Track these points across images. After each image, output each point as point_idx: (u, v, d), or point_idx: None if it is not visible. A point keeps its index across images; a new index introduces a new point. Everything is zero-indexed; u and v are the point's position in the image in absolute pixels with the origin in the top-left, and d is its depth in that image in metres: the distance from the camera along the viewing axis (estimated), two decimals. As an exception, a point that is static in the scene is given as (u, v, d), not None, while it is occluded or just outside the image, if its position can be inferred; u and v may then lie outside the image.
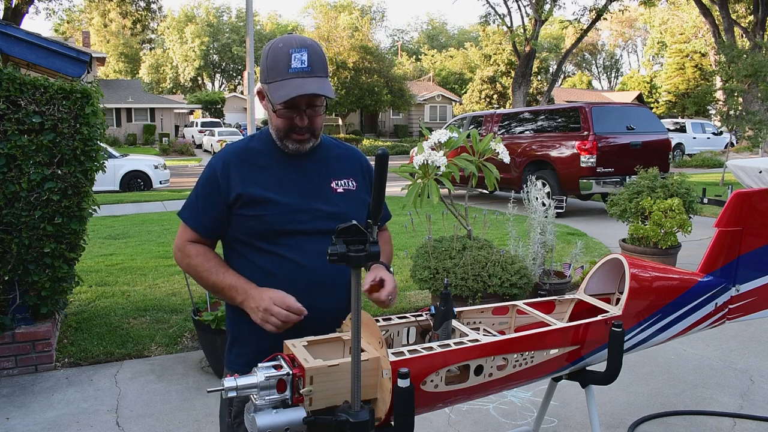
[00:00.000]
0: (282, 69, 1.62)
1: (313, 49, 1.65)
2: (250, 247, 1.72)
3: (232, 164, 1.73)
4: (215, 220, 1.74)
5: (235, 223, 1.73)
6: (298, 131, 1.70)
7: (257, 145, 1.78)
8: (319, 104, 1.69)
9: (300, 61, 1.62)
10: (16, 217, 3.62)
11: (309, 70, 1.63)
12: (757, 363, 4.05)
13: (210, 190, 1.73)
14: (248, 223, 1.70)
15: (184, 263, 1.78)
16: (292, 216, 1.70)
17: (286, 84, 1.61)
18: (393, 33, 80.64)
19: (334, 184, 1.78)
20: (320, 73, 1.65)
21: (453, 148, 4.35)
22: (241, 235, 1.73)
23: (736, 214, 2.39)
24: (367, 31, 38.30)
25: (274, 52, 1.65)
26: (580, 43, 31.28)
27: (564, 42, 51.41)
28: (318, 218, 1.72)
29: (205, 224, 1.75)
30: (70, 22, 44.57)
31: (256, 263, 1.71)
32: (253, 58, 11.99)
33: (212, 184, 1.73)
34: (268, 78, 1.66)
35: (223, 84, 67.03)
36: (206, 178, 1.75)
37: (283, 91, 1.61)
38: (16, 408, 3.43)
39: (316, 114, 1.70)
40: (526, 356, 1.84)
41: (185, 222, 1.78)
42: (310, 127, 1.70)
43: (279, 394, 1.42)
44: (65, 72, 4.42)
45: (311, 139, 1.73)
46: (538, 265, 5.24)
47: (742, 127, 14.25)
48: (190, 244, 1.77)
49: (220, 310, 3.64)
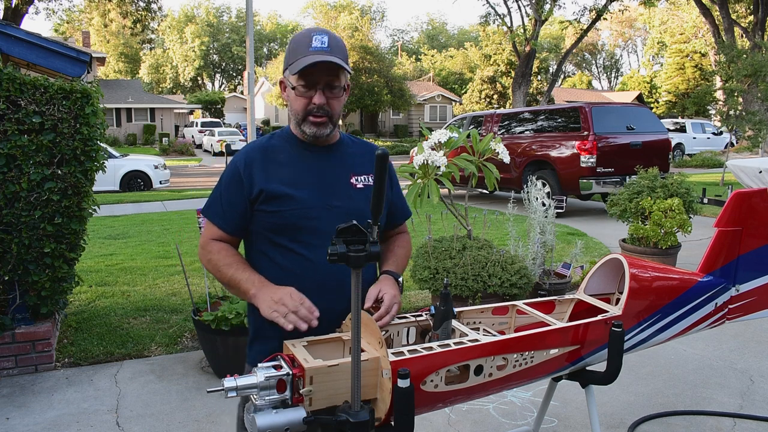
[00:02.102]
0: (303, 48, 1.67)
1: (333, 36, 1.70)
2: (270, 243, 1.74)
3: (255, 161, 1.75)
4: (239, 217, 1.76)
5: (257, 219, 1.75)
6: (315, 112, 1.71)
7: (278, 142, 1.81)
8: (337, 85, 1.71)
9: (320, 42, 1.67)
10: (16, 217, 3.62)
11: (329, 50, 1.67)
12: (757, 363, 4.05)
13: (233, 188, 1.75)
14: (269, 219, 1.72)
15: (206, 259, 1.80)
16: (311, 212, 1.72)
17: (306, 58, 1.66)
18: (393, 33, 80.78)
19: (354, 180, 1.80)
20: (338, 54, 1.68)
21: (453, 148, 4.35)
22: (262, 231, 1.75)
23: (736, 214, 2.39)
24: (367, 31, 38.35)
25: (296, 39, 1.71)
26: (580, 43, 31.27)
27: (564, 42, 51.38)
28: (337, 215, 1.72)
29: (230, 221, 1.77)
30: (70, 22, 44.56)
31: (275, 260, 1.74)
32: (253, 58, 11.99)
33: (236, 181, 1.75)
34: (289, 60, 1.70)
35: (223, 84, 67.05)
36: (229, 176, 1.78)
37: (303, 62, 1.65)
38: (16, 408, 3.43)
39: (334, 96, 1.72)
40: (526, 356, 1.84)
41: (209, 219, 1.81)
42: (328, 109, 1.72)
43: (279, 394, 1.42)
44: (65, 72, 4.41)
45: (329, 124, 1.74)
46: (538, 265, 5.24)
47: (742, 127, 14.25)
48: (213, 241, 1.79)
49: (220, 310, 3.64)
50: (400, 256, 1.93)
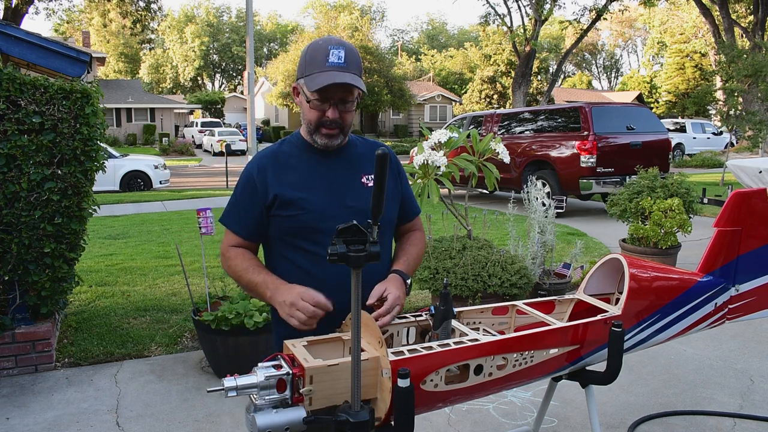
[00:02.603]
0: (320, 62, 1.70)
1: (350, 49, 1.73)
2: (289, 246, 1.79)
3: (268, 167, 1.80)
4: (255, 223, 1.81)
5: (274, 224, 1.79)
6: (329, 125, 1.75)
7: (288, 148, 1.85)
8: (350, 100, 1.75)
9: (337, 57, 1.70)
10: (16, 217, 3.62)
11: (344, 66, 1.70)
12: (757, 363, 4.05)
13: (248, 195, 1.80)
14: (286, 224, 1.77)
15: (226, 266, 1.85)
16: (326, 213, 1.75)
17: (323, 75, 1.68)
18: (393, 33, 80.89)
19: (365, 179, 1.84)
20: (354, 71, 1.72)
21: (453, 148, 4.35)
22: (280, 235, 1.79)
23: (736, 214, 2.39)
24: (367, 31, 38.38)
25: (313, 48, 1.73)
26: (580, 43, 31.27)
27: (564, 42, 51.39)
28: (351, 215, 1.73)
29: (246, 227, 1.82)
30: (69, 22, 44.54)
31: (294, 262, 1.78)
32: (253, 58, 11.99)
33: (250, 188, 1.80)
34: (305, 71, 1.73)
35: (223, 84, 67.06)
36: (244, 183, 1.82)
37: (319, 80, 1.68)
38: (16, 408, 3.43)
39: (347, 110, 1.76)
40: (526, 356, 1.84)
41: (227, 227, 1.86)
42: (341, 122, 1.76)
43: (279, 394, 1.42)
44: (65, 72, 4.41)
45: (340, 135, 1.78)
46: (538, 265, 5.24)
47: (742, 127, 14.25)
48: (232, 248, 1.84)
49: (221, 310, 3.64)
50: (411, 255, 1.94)
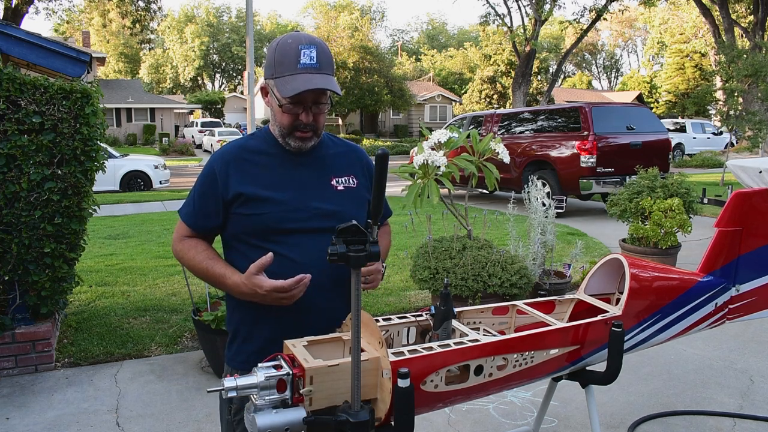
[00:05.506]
0: (291, 64, 1.62)
1: (321, 47, 1.66)
2: (249, 245, 1.72)
3: (232, 163, 1.73)
4: (210, 219, 1.75)
5: (234, 222, 1.73)
6: (302, 128, 1.70)
7: (256, 143, 1.78)
8: (323, 102, 1.70)
9: (309, 57, 1.62)
10: (16, 217, 3.62)
11: (317, 67, 1.63)
12: (757, 363, 4.05)
13: (207, 189, 1.74)
14: (247, 222, 1.70)
15: (179, 256, 1.81)
16: (290, 214, 1.70)
17: (295, 78, 1.61)
18: (393, 33, 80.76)
19: (335, 182, 1.78)
20: (327, 70, 1.66)
21: (453, 148, 4.35)
22: (240, 234, 1.73)
23: (736, 214, 2.39)
24: (367, 31, 38.30)
25: (282, 48, 1.65)
26: (580, 43, 31.28)
27: (564, 42, 51.39)
28: (317, 216, 1.72)
29: (200, 222, 1.77)
30: (69, 22, 44.48)
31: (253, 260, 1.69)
32: (253, 58, 11.98)
33: (210, 182, 1.73)
34: (275, 73, 1.66)
35: (223, 84, 67.01)
36: (205, 176, 1.75)
37: (292, 85, 1.61)
38: (16, 408, 3.43)
39: (321, 112, 1.71)
40: (526, 356, 1.84)
41: (181, 218, 1.81)
42: (314, 125, 1.71)
43: (279, 394, 1.42)
44: (65, 72, 4.41)
45: (313, 137, 1.74)
46: (538, 265, 5.24)
47: (742, 127, 14.25)
48: (186, 238, 1.80)
49: (220, 310, 3.64)
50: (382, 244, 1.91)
